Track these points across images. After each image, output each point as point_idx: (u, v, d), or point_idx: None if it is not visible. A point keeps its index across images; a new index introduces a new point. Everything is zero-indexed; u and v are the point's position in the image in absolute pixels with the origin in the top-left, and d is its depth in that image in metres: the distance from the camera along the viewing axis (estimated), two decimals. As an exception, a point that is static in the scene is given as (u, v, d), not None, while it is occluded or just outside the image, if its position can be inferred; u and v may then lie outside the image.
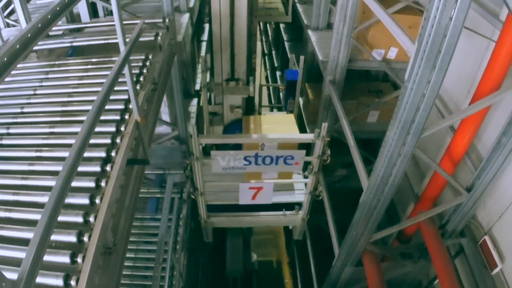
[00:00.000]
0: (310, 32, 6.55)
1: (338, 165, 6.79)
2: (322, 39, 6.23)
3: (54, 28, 3.87)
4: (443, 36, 2.59)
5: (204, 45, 9.11)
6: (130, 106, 3.07)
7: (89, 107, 2.28)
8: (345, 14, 4.89)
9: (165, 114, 5.80)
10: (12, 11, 5.90)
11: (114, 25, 2.57)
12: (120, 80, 2.63)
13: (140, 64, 3.63)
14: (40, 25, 1.78)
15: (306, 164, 4.89)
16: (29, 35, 1.67)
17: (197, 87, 7.56)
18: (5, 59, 1.46)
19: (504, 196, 3.84)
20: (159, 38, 4.17)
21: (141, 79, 3.46)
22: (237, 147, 5.49)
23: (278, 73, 12.08)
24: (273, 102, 13.27)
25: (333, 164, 5.39)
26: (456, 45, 2.63)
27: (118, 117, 2.99)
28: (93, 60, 3.74)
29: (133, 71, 3.12)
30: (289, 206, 5.56)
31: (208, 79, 6.13)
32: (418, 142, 3.31)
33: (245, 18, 5.55)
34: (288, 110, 7.37)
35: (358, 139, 4.82)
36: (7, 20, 5.77)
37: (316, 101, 6.39)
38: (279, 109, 9.94)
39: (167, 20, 4.62)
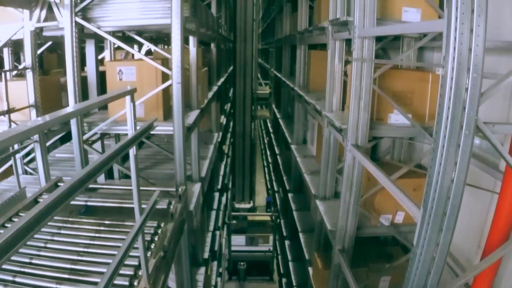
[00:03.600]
0: (318, 202, 6.69)
1: None
2: (330, 208, 6.32)
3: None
4: (446, 199, 2.69)
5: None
6: (140, 273, 3.06)
7: (98, 269, 2.29)
8: (351, 183, 5.06)
9: (171, 281, 5.68)
10: (32, 160, 6.20)
11: (128, 189, 2.70)
12: (132, 246, 2.67)
13: (152, 231, 3.70)
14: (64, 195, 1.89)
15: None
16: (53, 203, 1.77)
17: (205, 255, 7.52)
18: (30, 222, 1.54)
19: None
20: (171, 207, 4.30)
21: (152, 246, 3.50)
22: None
23: (287, 242, 12.02)
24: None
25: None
26: (461, 204, 2.71)
27: (127, 283, 2.95)
28: (106, 222, 3.82)
29: (145, 238, 3.18)
30: None
31: None
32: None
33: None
34: None
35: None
36: (25, 167, 6.06)
37: (326, 270, 6.26)
38: None
39: (180, 189, 4.81)
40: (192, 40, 6.21)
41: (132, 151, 2.85)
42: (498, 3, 3.99)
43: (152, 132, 4.22)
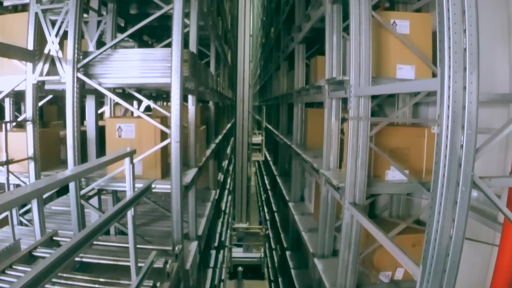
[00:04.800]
0: (316, 260, 6.58)
1: None
2: (329, 267, 6.21)
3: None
4: (445, 255, 2.67)
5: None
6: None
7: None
8: (350, 241, 5.00)
9: None
10: (28, 211, 6.15)
11: (124, 246, 2.67)
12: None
13: (148, 291, 3.62)
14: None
15: None
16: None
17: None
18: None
19: None
20: (167, 266, 4.22)
21: (148, 307, 3.41)
22: None
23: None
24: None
25: None
26: (460, 260, 2.68)
27: None
28: (101, 280, 3.72)
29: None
30: None
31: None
32: None
33: None
34: None
35: None
36: (21, 218, 5.98)
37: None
38: None
39: (176, 248, 4.75)
40: (191, 98, 6.32)
41: (130, 212, 2.85)
42: (488, 55, 4.12)
43: (149, 189, 4.22)
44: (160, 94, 10.05)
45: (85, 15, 5.82)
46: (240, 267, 20.84)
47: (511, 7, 3.90)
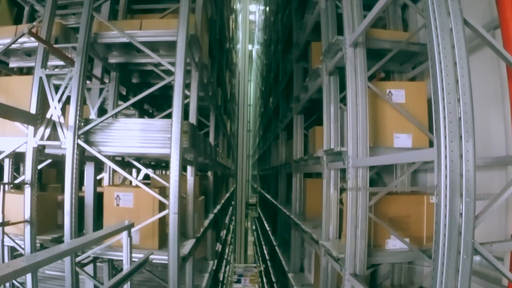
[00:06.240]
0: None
1: None
2: None
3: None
4: None
5: None
6: None
7: None
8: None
9: None
10: None
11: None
12: None
13: None
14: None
15: None
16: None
17: None
18: None
19: None
20: None
21: None
22: None
23: None
24: None
25: None
26: None
27: None
28: None
29: None
30: None
31: None
32: None
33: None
34: None
35: None
36: (13, 281, 5.77)
37: None
38: None
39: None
40: (190, 169, 6.34)
41: (126, 286, 2.79)
42: (483, 118, 4.19)
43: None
44: (159, 163, 10.09)
45: (88, 82, 5.96)
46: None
47: (502, 69, 4.01)
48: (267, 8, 22.58)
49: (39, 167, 5.67)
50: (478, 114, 2.88)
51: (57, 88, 5.34)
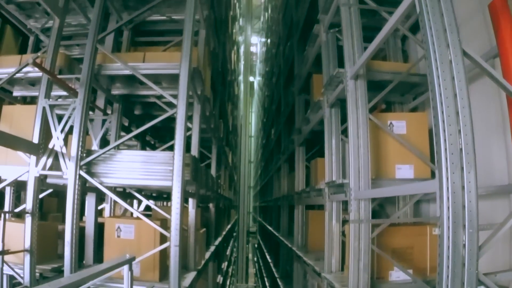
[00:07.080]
0: None
1: None
2: None
3: None
4: None
5: None
6: None
7: None
8: None
9: None
10: None
11: None
12: None
13: None
14: None
15: None
16: None
17: None
18: None
19: None
20: None
21: None
22: None
23: None
24: None
25: None
26: None
27: None
28: None
29: None
30: None
31: None
32: None
33: None
34: None
35: None
36: None
37: None
38: None
39: None
40: (191, 202, 6.32)
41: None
42: (485, 147, 4.17)
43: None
44: (161, 194, 10.06)
45: (90, 113, 6.01)
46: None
47: (503, 96, 4.02)
48: (269, 40, 22.88)
49: (40, 196, 5.66)
50: (479, 143, 2.88)
51: (60, 118, 5.38)
